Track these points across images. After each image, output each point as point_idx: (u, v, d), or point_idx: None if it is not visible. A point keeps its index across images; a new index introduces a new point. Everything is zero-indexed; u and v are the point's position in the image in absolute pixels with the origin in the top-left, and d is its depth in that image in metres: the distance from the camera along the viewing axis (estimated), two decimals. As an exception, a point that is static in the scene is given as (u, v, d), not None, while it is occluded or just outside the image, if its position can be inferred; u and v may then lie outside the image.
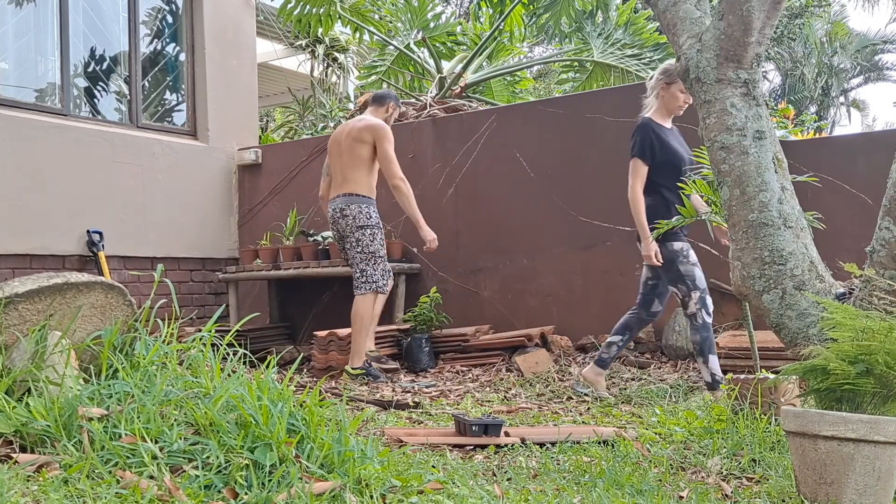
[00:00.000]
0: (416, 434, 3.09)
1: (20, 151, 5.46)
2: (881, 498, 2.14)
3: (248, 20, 7.10)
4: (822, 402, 2.36)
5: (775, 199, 2.84)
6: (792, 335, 2.76)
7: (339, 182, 4.95)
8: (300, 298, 6.52)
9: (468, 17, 10.19)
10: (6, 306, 2.56)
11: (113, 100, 6.47)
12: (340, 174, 4.94)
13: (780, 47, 17.92)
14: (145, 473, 2.04)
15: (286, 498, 1.97)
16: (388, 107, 5.10)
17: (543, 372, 4.70)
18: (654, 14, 3.32)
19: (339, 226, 4.93)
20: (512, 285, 5.62)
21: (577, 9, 7.41)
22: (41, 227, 5.56)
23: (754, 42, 2.90)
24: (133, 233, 6.11)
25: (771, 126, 2.99)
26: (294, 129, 9.09)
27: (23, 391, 2.55)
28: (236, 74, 6.92)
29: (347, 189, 4.89)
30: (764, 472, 2.53)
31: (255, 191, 6.86)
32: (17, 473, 2.05)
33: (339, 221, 4.91)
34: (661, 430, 3.17)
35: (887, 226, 2.60)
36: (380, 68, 7.94)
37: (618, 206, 5.24)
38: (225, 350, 2.69)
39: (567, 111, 5.52)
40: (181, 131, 6.69)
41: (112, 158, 6.00)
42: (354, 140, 4.89)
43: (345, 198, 4.88)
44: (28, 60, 5.99)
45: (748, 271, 2.85)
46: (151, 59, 6.61)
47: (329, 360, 5.08)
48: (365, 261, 4.83)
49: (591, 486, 2.36)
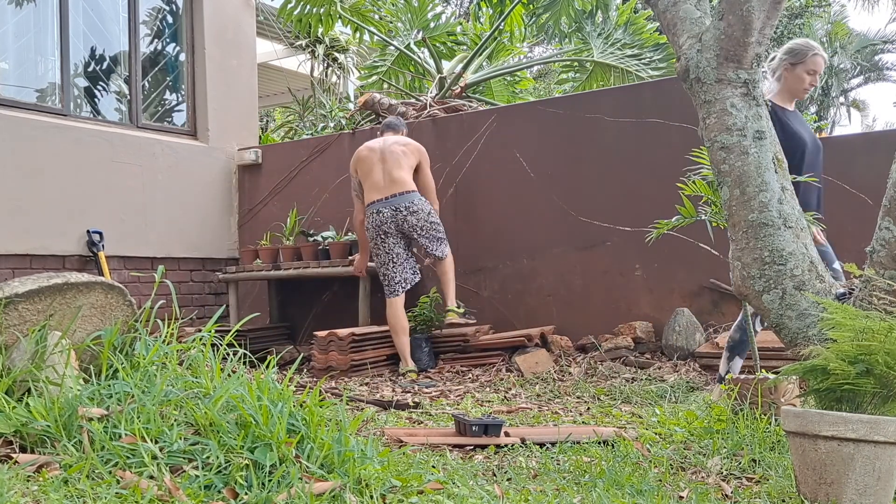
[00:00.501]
0: (416, 434, 3.09)
1: (20, 151, 5.46)
2: (881, 498, 2.14)
3: (248, 20, 7.10)
4: (822, 402, 2.36)
5: (775, 200, 2.84)
6: (792, 335, 2.76)
7: (388, 184, 5.09)
8: (300, 298, 6.52)
9: (468, 17, 10.19)
10: (6, 306, 2.56)
11: (113, 100, 6.47)
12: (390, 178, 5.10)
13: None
14: (145, 473, 2.04)
15: (286, 498, 1.97)
16: (403, 132, 5.47)
17: (543, 372, 4.70)
18: (654, 14, 3.32)
19: (407, 223, 5.06)
20: (512, 285, 5.62)
21: (577, 9, 7.41)
22: (41, 227, 5.56)
23: (754, 42, 2.90)
24: (133, 233, 6.11)
25: (771, 126, 2.99)
26: (294, 129, 9.09)
27: (23, 391, 2.55)
28: (236, 74, 6.92)
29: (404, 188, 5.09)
30: (764, 473, 2.53)
31: (255, 191, 6.86)
32: (17, 473, 2.05)
33: (407, 218, 5.06)
34: (661, 430, 3.17)
35: (887, 226, 2.60)
36: (380, 68, 7.93)
37: (618, 206, 5.25)
38: (225, 350, 2.69)
39: (567, 111, 5.52)
40: (181, 131, 6.69)
41: (112, 158, 6.00)
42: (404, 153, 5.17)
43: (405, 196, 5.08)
44: (28, 60, 5.99)
45: (748, 271, 2.85)
46: (151, 59, 6.61)
47: (329, 360, 5.08)
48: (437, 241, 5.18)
49: (591, 486, 2.36)
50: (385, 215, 5.05)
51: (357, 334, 5.14)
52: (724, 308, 4.87)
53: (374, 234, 5.13)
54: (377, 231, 5.10)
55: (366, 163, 5.18)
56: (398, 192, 5.06)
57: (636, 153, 5.21)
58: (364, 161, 5.19)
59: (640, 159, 5.19)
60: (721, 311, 4.89)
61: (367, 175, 5.16)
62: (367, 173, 5.16)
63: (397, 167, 5.10)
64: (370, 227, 5.13)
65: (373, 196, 5.11)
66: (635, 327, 4.98)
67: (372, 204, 5.11)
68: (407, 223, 5.05)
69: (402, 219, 5.05)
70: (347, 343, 5.05)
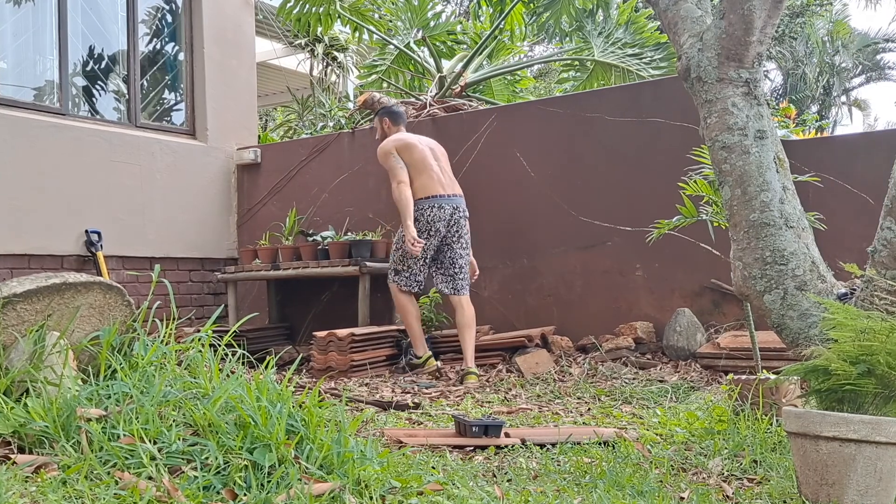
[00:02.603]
0: (416, 435, 3.08)
1: (19, 151, 5.45)
2: (883, 499, 2.14)
3: (247, 19, 7.09)
4: (824, 402, 2.35)
5: (777, 199, 2.83)
6: (793, 335, 2.75)
7: (449, 182, 5.05)
8: (299, 299, 6.51)
9: (468, 16, 10.17)
10: (4, 306, 2.55)
11: (112, 99, 6.46)
12: (448, 177, 5.06)
13: (782, 46, 17.91)
14: (144, 474, 2.03)
15: (285, 499, 1.96)
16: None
17: (544, 373, 4.69)
18: (655, 13, 3.31)
19: (459, 225, 5.00)
20: (512, 285, 5.61)
21: (578, 7, 7.40)
22: (39, 226, 5.55)
23: (755, 41, 2.89)
24: (132, 233, 6.09)
25: (772, 125, 2.98)
26: (293, 128, 9.08)
27: (21, 392, 2.54)
28: (235, 74, 6.91)
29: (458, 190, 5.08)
30: (765, 473, 2.52)
31: (255, 190, 6.85)
32: (16, 474, 2.04)
33: (460, 221, 5.01)
34: (662, 430, 3.16)
35: (889, 226, 2.59)
36: (380, 67, 7.92)
37: (618, 206, 5.24)
38: (224, 350, 2.69)
39: (567, 111, 5.51)
40: (180, 131, 6.67)
41: (111, 158, 5.98)
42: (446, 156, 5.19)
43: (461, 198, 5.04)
44: (27, 59, 5.98)
45: (749, 271, 2.84)
46: (150, 59, 6.60)
47: (328, 360, 5.07)
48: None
49: (591, 487, 2.36)
50: (446, 211, 4.92)
51: (357, 335, 5.13)
52: (725, 308, 4.86)
53: (425, 227, 4.91)
54: (431, 225, 4.91)
55: (417, 152, 4.99)
56: (458, 194, 5.04)
57: (637, 153, 5.20)
58: (415, 150, 5.00)
59: (640, 159, 5.18)
60: (722, 312, 4.88)
61: (423, 166, 4.96)
62: (422, 164, 4.96)
63: (449, 168, 5.14)
64: (424, 219, 4.90)
65: (436, 190, 4.94)
66: (636, 328, 4.97)
67: (434, 198, 4.92)
68: (458, 226, 5.00)
69: (457, 220, 4.99)
70: (347, 343, 5.04)
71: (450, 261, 5.02)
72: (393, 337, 5.42)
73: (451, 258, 5.02)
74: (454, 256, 5.01)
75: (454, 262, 5.02)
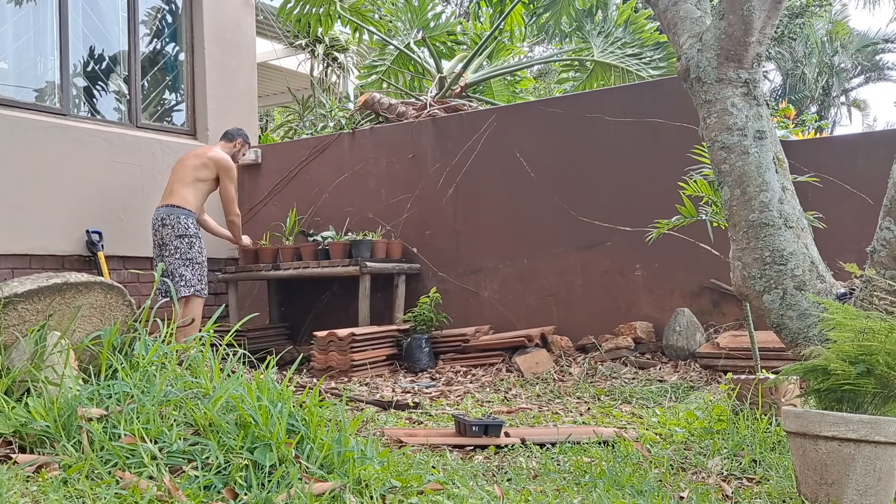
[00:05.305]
0: (416, 434, 3.08)
1: (19, 151, 5.45)
2: (882, 498, 2.14)
3: (247, 20, 7.09)
4: (823, 402, 2.36)
5: (776, 200, 2.84)
6: (793, 335, 2.75)
7: (165, 193, 5.44)
8: (300, 299, 6.52)
9: (468, 17, 10.17)
10: (5, 306, 2.56)
11: (112, 99, 6.46)
12: (170, 188, 5.44)
13: (781, 47, 17.92)
14: (145, 474, 2.04)
15: (286, 498, 1.97)
16: (235, 143, 5.72)
17: (544, 372, 4.70)
18: (655, 13, 3.32)
19: (159, 234, 5.36)
20: (512, 285, 5.61)
21: (578, 8, 7.40)
22: (40, 226, 5.55)
23: (755, 42, 2.89)
24: (132, 233, 6.09)
25: (772, 126, 2.99)
26: (294, 128, 9.08)
27: (22, 391, 2.55)
28: (236, 74, 6.91)
29: (173, 201, 5.38)
30: (765, 473, 2.53)
31: (255, 191, 6.85)
32: (17, 474, 2.04)
33: (159, 230, 5.35)
34: (661, 430, 3.17)
35: (888, 226, 2.59)
36: (380, 68, 7.93)
37: (618, 206, 5.25)
38: (224, 350, 2.69)
39: (567, 111, 5.51)
40: (180, 131, 6.67)
41: (111, 158, 5.99)
42: (200, 166, 5.49)
43: (168, 208, 5.36)
44: (27, 60, 5.98)
45: (749, 271, 2.85)
46: (151, 59, 6.61)
47: (329, 360, 5.07)
48: (183, 266, 5.31)
49: (591, 486, 2.36)
50: (152, 223, 5.50)
51: (357, 334, 5.14)
52: (725, 308, 4.86)
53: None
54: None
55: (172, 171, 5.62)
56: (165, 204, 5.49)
57: (636, 153, 5.20)
58: (172, 170, 5.62)
59: (640, 159, 5.19)
60: (721, 312, 4.88)
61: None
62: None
63: (184, 175, 5.59)
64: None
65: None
66: (635, 327, 4.98)
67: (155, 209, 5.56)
68: (159, 234, 5.45)
69: (156, 230, 5.48)
70: (347, 343, 5.05)
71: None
72: (393, 337, 5.42)
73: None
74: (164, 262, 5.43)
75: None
